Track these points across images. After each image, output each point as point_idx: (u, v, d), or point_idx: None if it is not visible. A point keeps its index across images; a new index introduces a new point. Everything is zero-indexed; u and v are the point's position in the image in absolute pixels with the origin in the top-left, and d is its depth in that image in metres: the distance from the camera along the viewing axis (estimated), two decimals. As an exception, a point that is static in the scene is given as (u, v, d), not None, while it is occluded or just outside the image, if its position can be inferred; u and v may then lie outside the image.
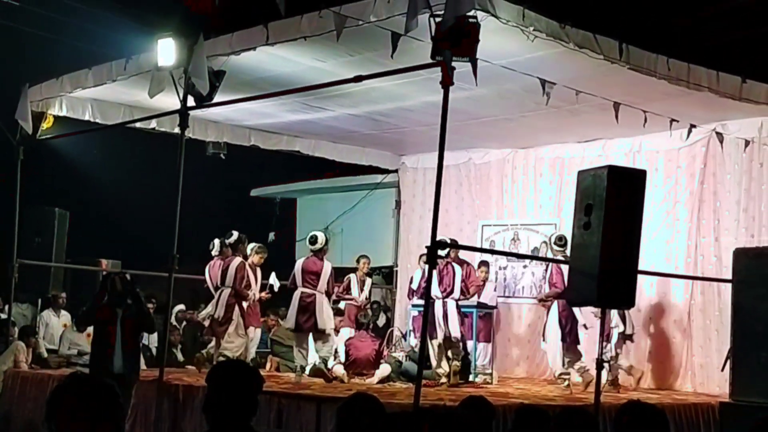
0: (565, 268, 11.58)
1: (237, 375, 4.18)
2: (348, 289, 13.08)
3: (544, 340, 12.13)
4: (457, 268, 11.78)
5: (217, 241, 12.52)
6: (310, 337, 11.75)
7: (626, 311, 11.44)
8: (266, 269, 12.73)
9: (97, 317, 9.74)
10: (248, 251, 12.48)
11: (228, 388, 4.07)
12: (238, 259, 12.12)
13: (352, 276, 13.27)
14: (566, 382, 11.48)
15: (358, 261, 13.44)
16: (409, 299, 12.71)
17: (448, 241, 11.36)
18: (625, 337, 11.92)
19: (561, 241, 11.47)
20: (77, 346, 13.29)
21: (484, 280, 13.08)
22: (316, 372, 11.55)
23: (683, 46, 11.30)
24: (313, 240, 11.86)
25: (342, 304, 13.06)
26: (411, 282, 12.43)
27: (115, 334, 9.41)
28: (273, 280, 12.85)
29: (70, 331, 13.44)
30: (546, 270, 12.15)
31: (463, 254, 12.39)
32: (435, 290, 11.22)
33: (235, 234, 12.38)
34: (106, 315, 9.56)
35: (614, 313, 11.38)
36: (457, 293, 11.65)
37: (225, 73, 9.96)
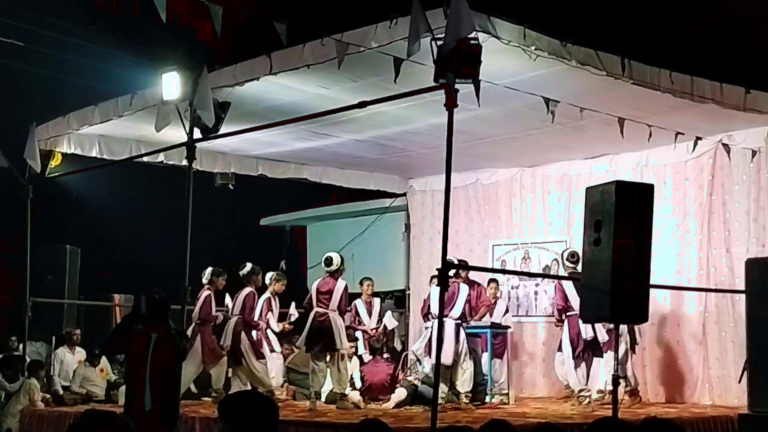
0: (566, 284, 11.60)
1: (250, 404, 4.09)
2: (357, 316, 13.06)
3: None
4: (463, 288, 11.70)
5: (208, 270, 12.41)
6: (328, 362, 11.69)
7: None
8: (285, 299, 12.78)
9: (131, 346, 8.19)
10: (267, 280, 12.54)
11: (241, 418, 4.00)
12: (248, 289, 12.15)
13: (358, 302, 13.21)
14: (587, 400, 11.41)
15: (361, 284, 13.34)
16: (424, 320, 12.70)
17: (457, 262, 11.33)
18: (631, 348, 11.80)
19: (573, 257, 11.44)
20: (90, 383, 13.31)
21: (495, 298, 13.06)
22: (332, 398, 11.54)
23: (686, 59, 11.32)
24: (329, 261, 11.86)
25: (358, 333, 13.04)
26: (429, 298, 12.40)
27: (146, 364, 7.95)
28: (292, 310, 12.89)
29: (82, 366, 13.46)
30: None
31: (473, 275, 12.37)
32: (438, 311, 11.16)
33: (249, 265, 12.39)
34: (138, 343, 8.08)
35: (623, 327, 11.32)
36: (456, 313, 11.50)
37: (230, 104, 10.01)
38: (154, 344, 7.96)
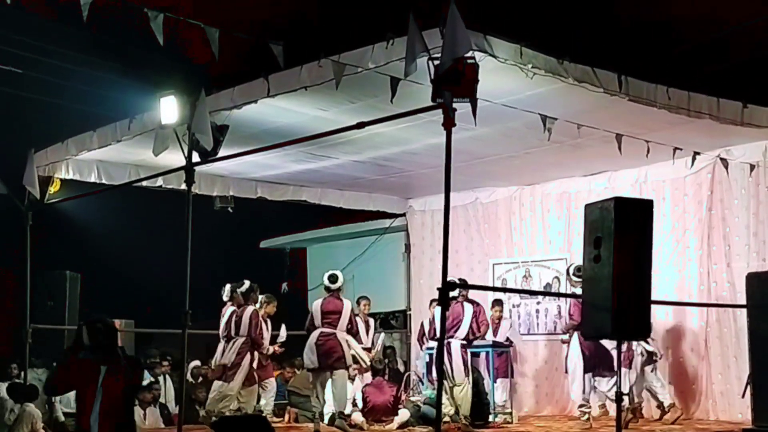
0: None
1: (247, 426, 4.08)
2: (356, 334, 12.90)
3: (566, 373, 12.07)
4: (468, 307, 11.69)
5: (228, 287, 12.46)
6: (328, 383, 11.62)
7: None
8: (279, 320, 12.71)
9: (70, 379, 7.34)
10: (259, 301, 12.47)
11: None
12: (251, 308, 12.07)
13: (356, 319, 13.06)
14: (586, 416, 11.39)
15: (358, 303, 13.14)
16: (420, 345, 12.68)
17: (457, 281, 11.30)
18: (652, 359, 11.74)
19: (580, 271, 11.42)
20: None
21: (499, 319, 13.03)
22: (335, 420, 11.46)
23: (682, 75, 11.36)
24: (334, 279, 11.73)
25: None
26: (421, 327, 12.40)
27: (95, 399, 7.10)
28: (282, 331, 12.80)
29: None
30: (566, 303, 12.09)
31: (473, 294, 12.36)
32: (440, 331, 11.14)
33: (247, 283, 12.36)
34: (84, 374, 7.19)
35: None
36: (462, 333, 11.50)
37: (228, 127, 10.01)
38: (104, 377, 7.14)
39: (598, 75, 9.20)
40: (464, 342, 11.46)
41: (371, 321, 13.40)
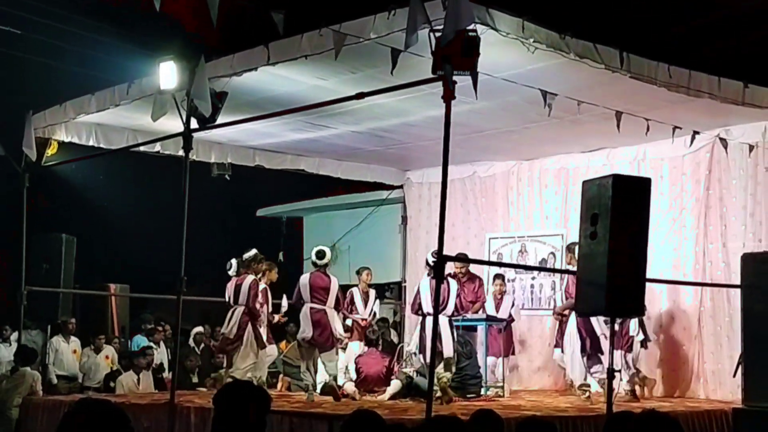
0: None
1: (243, 396, 4.14)
2: (352, 304, 12.94)
3: (562, 351, 12.10)
4: (453, 283, 11.69)
5: (234, 261, 12.46)
6: (319, 356, 11.69)
7: (643, 319, 11.41)
8: (277, 289, 12.73)
9: None
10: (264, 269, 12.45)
11: (234, 409, 4.04)
12: (250, 277, 12.06)
13: (355, 290, 13.02)
14: (587, 394, 11.42)
15: (359, 273, 13.14)
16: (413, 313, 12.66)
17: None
18: (641, 344, 11.86)
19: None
20: (92, 370, 13.35)
21: (501, 294, 13.06)
22: (327, 390, 11.52)
23: (684, 53, 11.32)
24: (322, 255, 11.80)
25: (349, 321, 12.98)
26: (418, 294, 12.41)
27: None
28: (285, 302, 12.82)
29: (88, 351, 13.54)
30: (562, 280, 12.11)
31: (473, 268, 12.36)
32: (428, 306, 11.17)
33: (254, 251, 12.27)
34: None
35: (634, 322, 11.34)
36: (449, 310, 11.45)
37: (227, 95, 9.97)
38: None
39: (600, 51, 9.16)
40: (450, 317, 11.44)
41: (372, 292, 13.32)
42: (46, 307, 14.10)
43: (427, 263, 11.58)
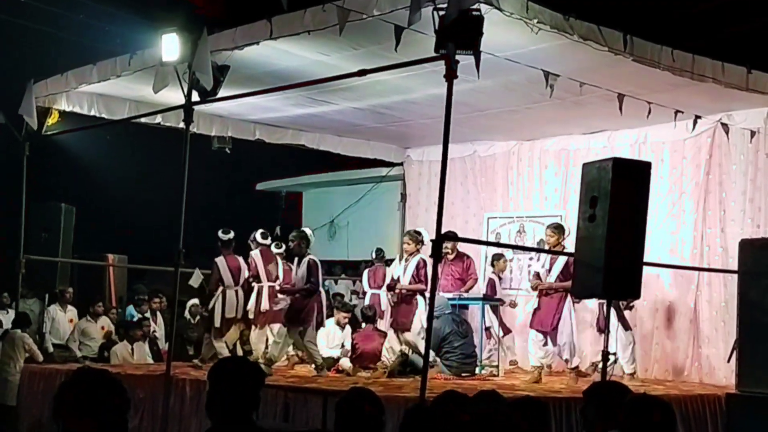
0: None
1: (237, 370, 4.14)
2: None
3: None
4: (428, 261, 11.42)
5: (259, 235, 12.42)
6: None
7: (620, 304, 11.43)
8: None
9: None
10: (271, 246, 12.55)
11: (229, 384, 4.05)
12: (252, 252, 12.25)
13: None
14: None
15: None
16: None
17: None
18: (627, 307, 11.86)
19: (557, 228, 11.43)
20: (89, 338, 13.39)
21: (502, 271, 13.16)
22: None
23: (688, 37, 11.28)
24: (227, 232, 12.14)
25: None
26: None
27: None
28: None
29: (84, 321, 13.56)
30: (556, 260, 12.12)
31: (466, 247, 12.37)
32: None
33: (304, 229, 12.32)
34: None
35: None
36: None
37: (229, 68, 9.96)
38: None
39: (604, 33, 9.13)
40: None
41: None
42: (44, 276, 14.16)
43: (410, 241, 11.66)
